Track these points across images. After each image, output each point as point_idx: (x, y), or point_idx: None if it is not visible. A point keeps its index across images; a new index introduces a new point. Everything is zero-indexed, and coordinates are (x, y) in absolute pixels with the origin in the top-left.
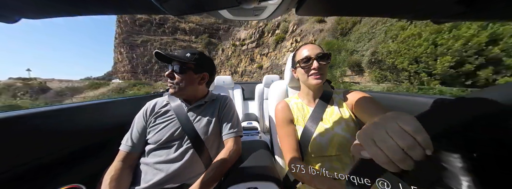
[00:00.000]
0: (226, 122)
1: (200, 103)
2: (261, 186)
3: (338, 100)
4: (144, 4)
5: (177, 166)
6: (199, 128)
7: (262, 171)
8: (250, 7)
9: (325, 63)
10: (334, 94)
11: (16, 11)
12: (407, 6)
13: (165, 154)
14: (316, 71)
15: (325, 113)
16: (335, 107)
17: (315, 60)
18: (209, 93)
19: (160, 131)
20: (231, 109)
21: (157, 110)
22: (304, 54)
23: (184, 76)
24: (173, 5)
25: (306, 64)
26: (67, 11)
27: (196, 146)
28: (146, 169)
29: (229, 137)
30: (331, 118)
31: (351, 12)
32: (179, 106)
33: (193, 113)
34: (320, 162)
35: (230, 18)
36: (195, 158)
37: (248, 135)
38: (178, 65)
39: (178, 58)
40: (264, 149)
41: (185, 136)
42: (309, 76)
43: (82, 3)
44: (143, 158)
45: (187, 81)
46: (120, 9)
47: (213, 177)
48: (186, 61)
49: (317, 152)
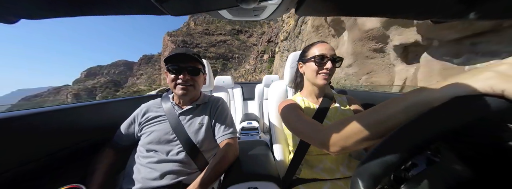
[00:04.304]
0: (219, 125)
1: (192, 106)
2: (261, 186)
3: (340, 101)
4: (144, 4)
5: (170, 166)
6: (190, 132)
7: (262, 171)
8: (250, 7)
9: (336, 67)
10: (336, 95)
11: (16, 11)
12: (407, 5)
13: (157, 156)
14: (328, 71)
15: (329, 111)
16: (338, 106)
17: (330, 60)
18: (201, 95)
19: (151, 134)
20: (224, 111)
21: (149, 112)
22: (320, 51)
23: (198, 78)
24: (173, 6)
25: (320, 62)
26: (67, 12)
27: (188, 150)
28: (139, 168)
29: (224, 138)
30: (335, 116)
31: (351, 12)
32: (170, 110)
33: (184, 116)
34: (322, 160)
35: (230, 18)
36: (188, 161)
37: (248, 135)
38: (193, 67)
39: (196, 60)
40: (264, 149)
41: (176, 139)
42: (319, 74)
43: (82, 4)
44: (136, 159)
45: (200, 82)
46: (120, 9)
47: (209, 177)
48: (200, 62)
49: (321, 150)
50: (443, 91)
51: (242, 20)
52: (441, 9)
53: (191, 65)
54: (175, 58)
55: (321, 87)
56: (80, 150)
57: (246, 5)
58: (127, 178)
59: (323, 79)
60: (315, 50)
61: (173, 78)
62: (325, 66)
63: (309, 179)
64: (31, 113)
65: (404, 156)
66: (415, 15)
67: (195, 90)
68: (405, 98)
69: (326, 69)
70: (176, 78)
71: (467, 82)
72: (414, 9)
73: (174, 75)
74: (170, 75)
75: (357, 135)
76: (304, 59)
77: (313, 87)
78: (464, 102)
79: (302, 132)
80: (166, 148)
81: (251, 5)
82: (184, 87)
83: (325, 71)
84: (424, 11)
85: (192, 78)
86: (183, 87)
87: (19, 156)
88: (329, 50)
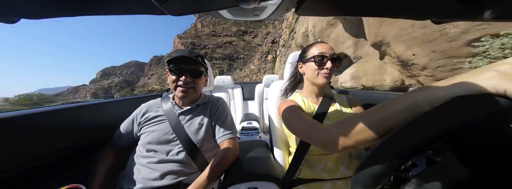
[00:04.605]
0: (219, 125)
1: (192, 106)
2: (261, 186)
3: (340, 101)
4: (144, 4)
5: (170, 166)
6: (190, 132)
7: (262, 171)
8: (250, 7)
9: (336, 66)
10: (336, 95)
11: (16, 11)
12: (407, 5)
13: (157, 156)
14: (328, 71)
15: (329, 111)
16: (338, 106)
17: (329, 60)
18: (201, 95)
19: (150, 134)
20: (224, 111)
21: (149, 112)
22: (319, 51)
23: (199, 80)
24: (173, 5)
25: (320, 61)
26: (66, 12)
27: (188, 149)
28: (139, 169)
29: (224, 139)
30: (335, 116)
31: (351, 12)
32: (170, 110)
33: (184, 116)
34: (322, 160)
35: (230, 18)
36: (188, 161)
37: (248, 135)
38: (195, 69)
39: (199, 62)
40: (264, 149)
41: (176, 140)
42: (319, 74)
43: (82, 3)
44: (136, 159)
45: (201, 85)
46: (120, 9)
47: (209, 177)
48: (202, 64)
49: (322, 150)
50: (445, 91)
51: (242, 20)
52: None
53: (193, 68)
54: (178, 59)
55: (321, 87)
56: (80, 150)
57: (246, 5)
58: (127, 178)
59: (324, 79)
60: (315, 50)
61: (174, 79)
62: (325, 66)
63: (309, 179)
64: (31, 113)
65: (404, 156)
66: (415, 15)
67: (195, 93)
68: (406, 98)
69: (326, 69)
70: (177, 79)
71: (469, 81)
72: (414, 9)
73: (175, 76)
74: (171, 76)
75: (358, 134)
76: (304, 59)
77: (313, 87)
78: (465, 102)
79: (302, 132)
80: (166, 148)
81: (251, 5)
82: (184, 89)
83: (325, 70)
84: (424, 11)
85: (193, 80)
86: (183, 90)
87: (19, 156)
88: (329, 49)
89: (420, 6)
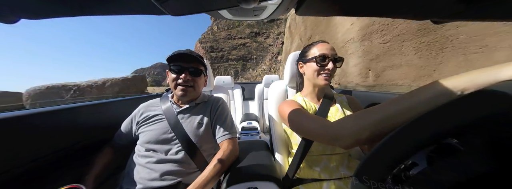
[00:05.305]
0: (219, 125)
1: (191, 105)
2: (261, 186)
3: (340, 101)
4: (143, 4)
5: (169, 166)
6: (189, 130)
7: (262, 171)
8: (250, 7)
9: (337, 67)
10: (336, 95)
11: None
12: (407, 6)
13: (156, 156)
14: (329, 72)
15: (330, 111)
16: (339, 106)
17: (331, 61)
18: (201, 94)
19: (149, 133)
20: (224, 111)
21: (147, 112)
22: (321, 51)
23: (199, 79)
24: (173, 5)
25: (321, 62)
26: (67, 12)
27: (187, 149)
28: (138, 169)
29: (224, 139)
30: (336, 116)
31: (351, 12)
32: (169, 108)
33: (183, 115)
34: (322, 160)
35: (230, 18)
36: (187, 160)
37: (248, 135)
38: (195, 68)
39: (199, 61)
40: (264, 149)
41: (175, 139)
42: (320, 74)
43: (82, 4)
44: (135, 159)
45: (200, 84)
46: (120, 9)
47: (209, 177)
48: (202, 63)
49: (322, 150)
50: (494, 74)
51: (242, 20)
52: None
53: (193, 66)
54: (178, 58)
55: (322, 87)
56: (80, 150)
57: (246, 5)
58: (127, 178)
59: (324, 80)
60: (316, 50)
61: (174, 77)
62: (327, 67)
63: (309, 179)
64: (31, 113)
65: (434, 139)
66: (415, 15)
67: (195, 92)
68: (430, 88)
69: (328, 70)
70: (177, 77)
71: (496, 71)
72: (414, 9)
73: (175, 74)
74: (171, 75)
75: (374, 126)
76: (304, 59)
77: (313, 87)
78: (493, 92)
79: (310, 130)
80: (165, 147)
81: (251, 5)
82: (184, 87)
83: (327, 71)
84: (424, 11)
85: (193, 78)
86: (183, 88)
87: (19, 156)
88: (330, 50)
89: (420, 6)
